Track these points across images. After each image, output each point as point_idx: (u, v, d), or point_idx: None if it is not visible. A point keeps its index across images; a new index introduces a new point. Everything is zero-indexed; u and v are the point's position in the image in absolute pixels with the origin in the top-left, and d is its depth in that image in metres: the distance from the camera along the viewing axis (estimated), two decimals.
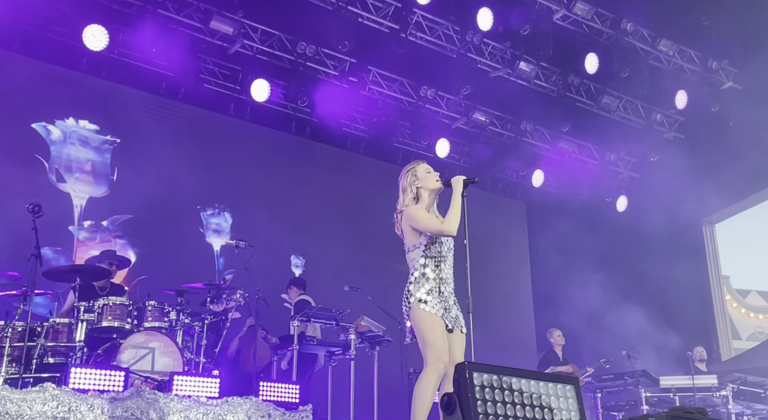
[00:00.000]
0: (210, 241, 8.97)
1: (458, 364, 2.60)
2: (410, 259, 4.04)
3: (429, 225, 3.95)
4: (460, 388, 2.55)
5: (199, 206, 8.97)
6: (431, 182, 4.11)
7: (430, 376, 3.78)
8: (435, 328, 3.84)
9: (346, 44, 8.68)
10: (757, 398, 7.83)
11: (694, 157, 10.31)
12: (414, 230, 4.00)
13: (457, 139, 10.56)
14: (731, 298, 14.91)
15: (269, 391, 5.57)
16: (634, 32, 9.47)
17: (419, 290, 3.91)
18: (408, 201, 4.08)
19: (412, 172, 4.14)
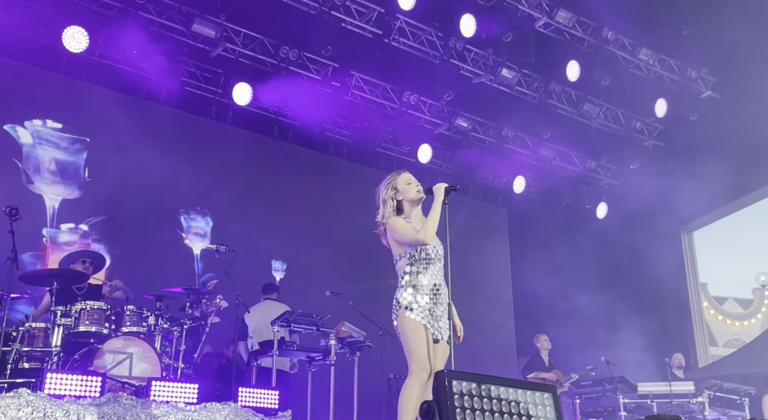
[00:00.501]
0: (190, 244, 8.91)
1: (437, 372, 2.61)
2: (398, 268, 4.10)
3: (405, 236, 3.99)
4: (439, 396, 2.55)
5: (180, 209, 8.91)
6: (412, 193, 4.13)
7: (414, 384, 3.80)
8: (419, 337, 3.87)
9: (329, 49, 8.66)
10: (733, 405, 7.92)
11: (673, 164, 10.43)
12: (397, 240, 4.06)
13: (440, 144, 10.60)
14: (708, 305, 15.07)
15: (248, 396, 5.53)
16: (615, 40, 9.56)
17: (405, 298, 3.95)
18: (388, 213, 4.10)
19: (392, 184, 4.16)
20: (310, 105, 9.21)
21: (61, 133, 8.15)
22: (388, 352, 7.78)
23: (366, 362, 7.44)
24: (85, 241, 8.02)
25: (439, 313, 3.97)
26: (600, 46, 9.53)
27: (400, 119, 9.85)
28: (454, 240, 4.15)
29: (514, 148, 10.73)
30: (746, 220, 11.83)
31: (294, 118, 9.46)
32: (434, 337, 3.93)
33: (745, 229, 11.50)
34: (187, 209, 8.94)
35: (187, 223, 8.97)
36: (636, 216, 10.50)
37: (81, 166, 8.21)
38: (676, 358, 8.93)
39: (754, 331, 14.16)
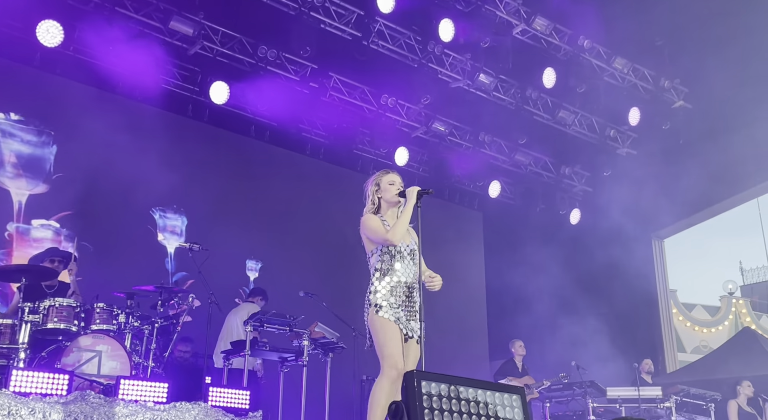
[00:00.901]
0: (164, 242, 8.84)
1: (406, 373, 2.62)
2: (370, 265, 4.15)
3: (375, 233, 4.06)
4: (407, 397, 2.57)
5: (153, 207, 8.83)
6: (390, 194, 4.22)
7: (383, 383, 3.84)
8: (389, 335, 3.90)
9: (307, 50, 8.67)
10: (699, 410, 8.05)
11: (645, 172, 10.59)
12: (368, 237, 4.14)
13: (416, 147, 10.65)
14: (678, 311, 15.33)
15: (219, 396, 5.49)
16: (590, 49, 9.69)
17: (376, 295, 3.99)
18: (366, 209, 4.22)
19: (377, 181, 4.28)
20: (287, 105, 9.20)
21: (23, 125, 8.01)
22: (361, 354, 7.77)
23: (339, 363, 7.44)
24: (57, 237, 7.91)
25: (411, 313, 4.01)
26: (576, 54, 9.66)
27: (378, 121, 9.88)
28: (428, 243, 4.20)
29: (490, 152, 10.82)
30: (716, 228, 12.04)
31: (271, 118, 9.44)
32: (406, 335, 3.96)
33: (714, 237, 11.74)
34: (162, 207, 8.87)
35: (162, 221, 8.89)
36: (608, 222, 10.63)
37: (47, 160, 8.09)
38: (646, 364, 9.06)
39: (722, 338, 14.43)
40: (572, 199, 11.71)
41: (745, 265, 25.06)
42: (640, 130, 10.83)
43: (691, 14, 9.19)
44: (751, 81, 9.46)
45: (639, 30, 9.61)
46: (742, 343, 10.92)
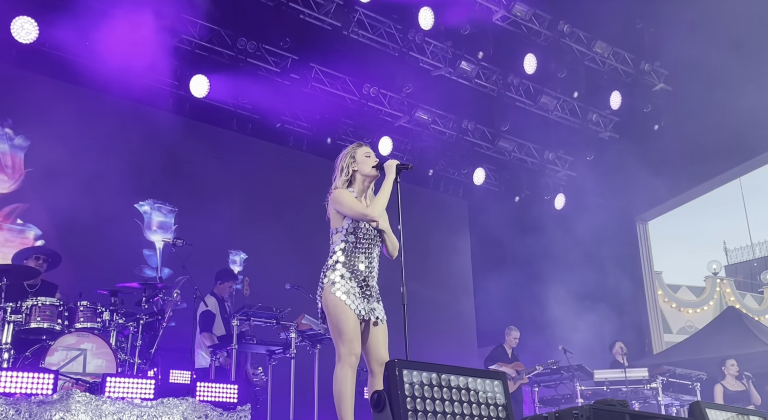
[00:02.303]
0: (151, 238, 8.79)
1: (388, 362, 2.62)
2: (331, 242, 3.90)
3: (352, 208, 3.80)
4: (389, 386, 2.58)
5: (140, 202, 8.78)
6: (367, 167, 3.95)
7: (345, 371, 3.65)
8: (346, 315, 3.67)
9: (287, 41, 8.61)
10: (685, 390, 8.13)
11: (628, 156, 10.65)
12: (338, 213, 3.87)
13: (400, 137, 10.63)
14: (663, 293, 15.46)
15: (206, 391, 5.48)
16: (570, 34, 9.71)
17: (334, 272, 3.76)
18: (340, 183, 3.92)
19: (351, 153, 3.99)
20: (268, 97, 9.14)
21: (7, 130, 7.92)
22: None
23: (327, 355, 7.44)
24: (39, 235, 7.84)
25: (370, 295, 3.81)
26: (556, 39, 9.67)
27: (360, 112, 9.85)
28: (414, 232, 4.09)
29: (474, 140, 10.82)
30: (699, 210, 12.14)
31: (253, 110, 9.39)
32: (365, 318, 3.76)
33: (698, 218, 11.83)
34: (148, 202, 8.81)
35: (147, 217, 8.84)
36: (593, 206, 10.70)
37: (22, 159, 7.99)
38: (618, 346, 8.94)
39: (707, 318, 14.59)
40: (556, 184, 11.76)
41: (728, 245, 25.36)
42: (621, 113, 10.88)
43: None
44: (732, 61, 9.51)
45: (619, 13, 9.63)
46: (726, 322, 11.05)
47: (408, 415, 2.51)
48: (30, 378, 4.60)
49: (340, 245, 3.83)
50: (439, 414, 2.59)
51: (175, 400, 5.14)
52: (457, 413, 2.63)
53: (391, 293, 4.17)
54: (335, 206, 3.87)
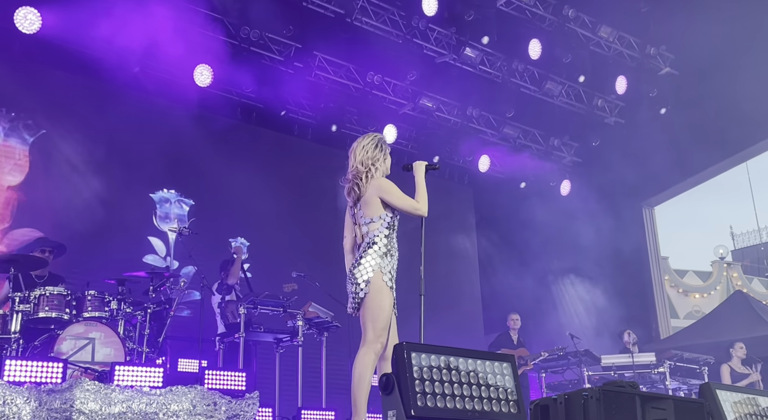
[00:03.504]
0: (162, 228, 8.80)
1: (396, 345, 2.62)
2: (369, 229, 3.90)
3: (403, 201, 3.89)
4: (398, 369, 2.58)
5: (150, 193, 8.80)
6: (388, 164, 4.09)
7: (369, 356, 3.70)
8: (389, 303, 3.77)
9: (290, 29, 8.59)
10: (693, 374, 8.13)
11: (634, 141, 10.60)
12: (381, 202, 3.91)
13: (404, 124, 10.59)
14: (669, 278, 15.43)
15: (215, 379, 5.50)
16: (575, 18, 9.63)
17: (384, 259, 3.82)
18: (379, 172, 3.99)
19: (384, 146, 4.08)
20: (272, 86, 9.12)
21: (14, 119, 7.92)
22: (357, 332, 7.80)
23: (334, 343, 7.47)
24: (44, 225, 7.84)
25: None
26: (561, 24, 9.60)
27: (365, 100, 9.82)
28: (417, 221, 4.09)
29: (479, 127, 10.78)
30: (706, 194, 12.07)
31: (257, 99, 9.37)
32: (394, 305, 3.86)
33: (704, 203, 11.80)
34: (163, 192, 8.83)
35: (160, 207, 8.85)
36: (599, 192, 10.66)
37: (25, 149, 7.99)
38: (627, 335, 8.90)
39: (714, 303, 14.56)
40: (562, 171, 11.72)
41: (735, 229, 25.28)
42: (627, 98, 10.81)
43: None
44: (737, 45, 9.44)
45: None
46: (734, 306, 11.03)
47: (417, 397, 2.51)
48: (39, 367, 4.63)
49: (384, 232, 3.89)
50: (448, 396, 2.59)
51: (183, 388, 5.16)
52: (465, 396, 2.63)
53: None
54: (382, 195, 3.90)
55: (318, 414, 6.48)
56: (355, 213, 3.99)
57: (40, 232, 7.15)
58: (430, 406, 2.51)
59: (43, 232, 7.11)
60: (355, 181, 3.98)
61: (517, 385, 2.77)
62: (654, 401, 3.08)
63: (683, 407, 3.16)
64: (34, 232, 7.25)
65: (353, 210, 4.01)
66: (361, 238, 3.93)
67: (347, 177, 4.05)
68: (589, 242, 10.83)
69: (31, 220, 7.71)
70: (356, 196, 3.96)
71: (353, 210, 4.01)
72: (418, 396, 2.51)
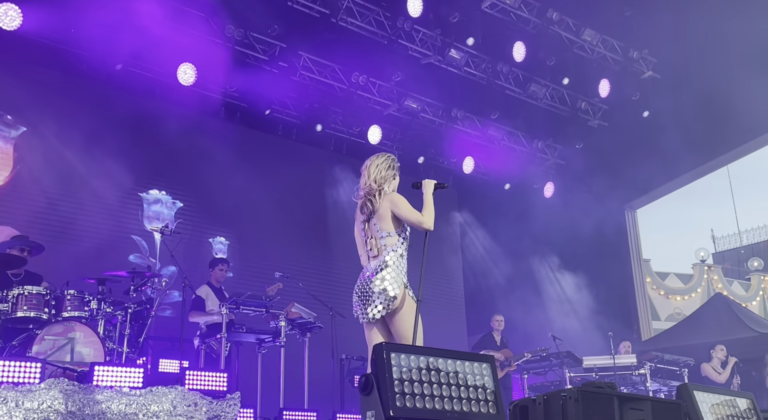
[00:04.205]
0: (148, 227, 8.74)
1: (376, 345, 2.62)
2: (385, 243, 4.08)
3: (411, 215, 4.06)
4: (377, 369, 2.57)
5: (139, 192, 8.74)
6: (396, 182, 4.29)
7: None
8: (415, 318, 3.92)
9: (275, 28, 8.56)
10: (673, 375, 8.20)
11: (617, 144, 10.67)
12: (395, 217, 4.10)
13: (389, 125, 10.59)
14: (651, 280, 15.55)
15: (196, 379, 5.47)
16: (559, 21, 9.68)
17: (405, 276, 4.04)
18: (390, 186, 4.22)
19: (396, 166, 4.30)
20: (257, 86, 9.09)
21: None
22: (339, 333, 7.82)
23: (316, 343, 7.46)
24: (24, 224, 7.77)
25: None
26: (545, 26, 9.64)
27: (349, 100, 9.81)
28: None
29: (463, 128, 10.80)
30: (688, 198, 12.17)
31: (241, 99, 9.34)
32: None
33: (686, 206, 11.91)
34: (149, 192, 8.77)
35: (149, 207, 8.78)
36: (582, 194, 10.71)
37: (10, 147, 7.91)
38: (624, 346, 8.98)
39: (694, 305, 14.66)
40: (546, 173, 11.77)
41: (716, 232, 25.54)
42: (610, 101, 10.88)
43: None
44: (719, 51, 9.52)
45: (607, 1, 9.62)
46: (714, 308, 11.12)
47: (396, 398, 2.51)
48: (17, 367, 4.58)
49: (404, 247, 4.11)
50: (427, 397, 2.59)
51: (164, 388, 5.13)
52: (445, 396, 2.63)
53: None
54: (393, 207, 4.10)
55: (300, 415, 6.47)
56: (369, 228, 4.17)
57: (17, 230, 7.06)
58: (409, 406, 2.51)
59: (23, 230, 7.03)
60: (368, 197, 4.18)
61: (496, 386, 2.77)
62: (632, 402, 3.10)
63: (661, 408, 3.19)
64: (10, 230, 7.16)
65: (364, 225, 4.20)
66: (377, 251, 4.09)
67: (360, 193, 4.24)
68: (572, 244, 10.89)
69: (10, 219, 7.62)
70: (369, 212, 4.16)
71: (364, 225, 4.20)
72: (397, 396, 2.51)
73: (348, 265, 10.44)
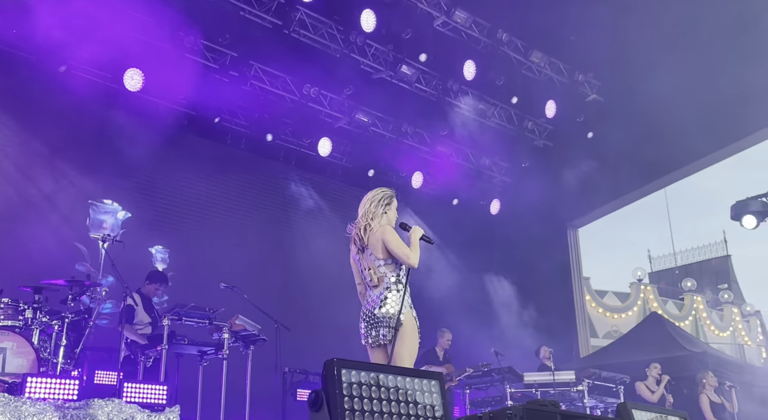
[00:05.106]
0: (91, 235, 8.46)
1: (327, 361, 2.60)
2: (384, 271, 4.41)
3: (401, 250, 4.38)
4: (327, 385, 2.56)
5: (86, 199, 8.46)
6: (393, 219, 4.59)
7: None
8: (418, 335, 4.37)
9: (227, 37, 8.49)
10: (609, 392, 8.39)
11: (561, 164, 10.94)
12: (388, 249, 4.42)
13: (340, 138, 10.60)
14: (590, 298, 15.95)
15: (134, 392, 5.32)
16: (509, 43, 9.91)
17: (408, 297, 4.40)
18: (385, 220, 4.54)
19: (393, 203, 4.64)
20: (207, 94, 8.97)
21: None
22: (284, 346, 7.73)
23: (260, 356, 7.35)
24: None
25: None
26: (495, 47, 9.85)
27: (300, 112, 9.78)
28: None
29: (413, 143, 10.90)
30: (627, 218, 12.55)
31: (189, 106, 9.19)
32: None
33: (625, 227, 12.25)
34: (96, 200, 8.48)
35: (95, 214, 8.50)
36: (526, 212, 10.93)
37: None
38: (544, 351, 9.22)
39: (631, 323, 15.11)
40: (492, 190, 11.96)
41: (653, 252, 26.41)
42: (556, 122, 11.16)
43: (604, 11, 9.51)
44: (659, 76, 9.88)
45: (555, 25, 9.89)
46: (649, 327, 11.45)
47: (345, 414, 2.50)
48: None
49: (403, 271, 4.44)
50: (376, 414, 2.58)
51: (100, 401, 4.97)
52: (393, 413, 2.63)
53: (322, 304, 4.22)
54: (388, 243, 4.41)
55: None
56: (364, 258, 4.50)
57: None
58: None
59: None
60: (357, 230, 4.53)
61: (443, 403, 2.79)
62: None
63: None
64: None
65: (358, 256, 4.53)
66: (377, 280, 4.41)
67: (354, 225, 4.59)
68: (516, 261, 11.08)
69: None
70: (359, 245, 4.51)
71: (358, 256, 4.53)
72: (346, 413, 2.50)
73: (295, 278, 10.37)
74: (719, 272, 24.80)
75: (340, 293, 10.18)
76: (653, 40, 9.68)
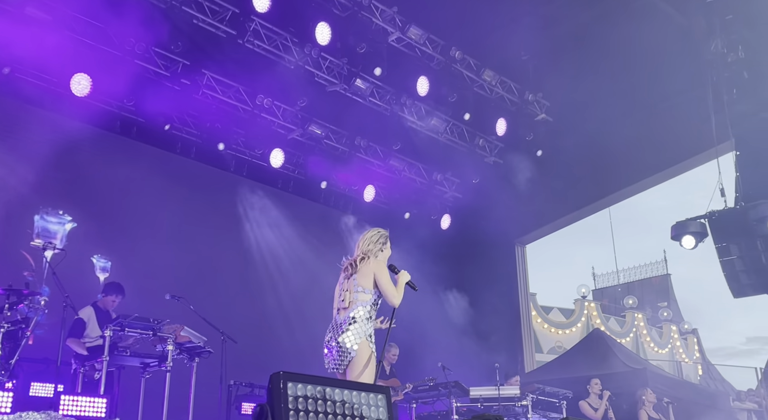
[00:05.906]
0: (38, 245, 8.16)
1: (273, 374, 2.59)
2: (358, 297, 4.76)
3: (388, 287, 4.81)
4: (273, 398, 2.54)
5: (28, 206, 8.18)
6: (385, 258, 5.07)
7: None
8: (372, 364, 4.67)
9: (179, 45, 8.38)
10: (553, 407, 8.52)
11: (510, 181, 11.12)
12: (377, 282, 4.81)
13: (292, 150, 10.55)
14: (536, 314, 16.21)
15: (72, 405, 5.18)
16: (461, 60, 10.06)
17: (370, 327, 4.73)
18: (382, 257, 5.03)
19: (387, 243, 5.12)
20: (156, 101, 8.83)
21: None
22: (229, 358, 7.62)
23: (205, 368, 7.23)
24: None
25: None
26: (448, 64, 9.99)
27: (253, 122, 9.71)
28: (303, 246, 4.31)
29: (366, 157, 10.93)
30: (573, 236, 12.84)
31: (138, 113, 9.03)
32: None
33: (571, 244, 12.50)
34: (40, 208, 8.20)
35: (40, 222, 8.21)
36: (476, 228, 11.06)
37: None
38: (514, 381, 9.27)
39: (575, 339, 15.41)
40: (443, 205, 12.07)
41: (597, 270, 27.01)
42: (506, 139, 11.35)
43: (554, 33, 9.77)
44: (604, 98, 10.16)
45: (507, 44, 10.09)
46: (592, 343, 11.70)
47: None
48: None
49: (373, 302, 4.81)
50: None
51: (35, 414, 4.80)
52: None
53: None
54: (378, 277, 4.83)
55: None
56: (347, 283, 4.87)
57: None
58: None
59: None
60: (353, 261, 4.96)
61: (390, 417, 2.80)
62: None
63: None
64: None
65: (344, 282, 4.93)
66: (348, 303, 4.76)
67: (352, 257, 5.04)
68: (465, 276, 11.18)
69: None
70: (350, 273, 4.91)
71: (344, 282, 4.93)
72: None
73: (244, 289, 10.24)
74: (659, 291, 25.53)
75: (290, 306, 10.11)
76: (600, 65, 9.97)
